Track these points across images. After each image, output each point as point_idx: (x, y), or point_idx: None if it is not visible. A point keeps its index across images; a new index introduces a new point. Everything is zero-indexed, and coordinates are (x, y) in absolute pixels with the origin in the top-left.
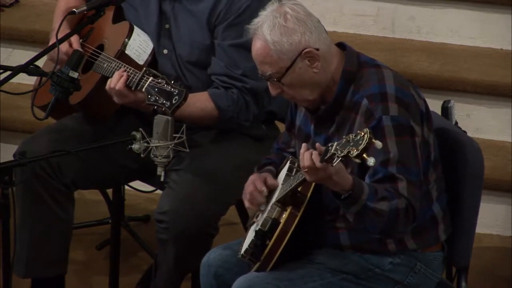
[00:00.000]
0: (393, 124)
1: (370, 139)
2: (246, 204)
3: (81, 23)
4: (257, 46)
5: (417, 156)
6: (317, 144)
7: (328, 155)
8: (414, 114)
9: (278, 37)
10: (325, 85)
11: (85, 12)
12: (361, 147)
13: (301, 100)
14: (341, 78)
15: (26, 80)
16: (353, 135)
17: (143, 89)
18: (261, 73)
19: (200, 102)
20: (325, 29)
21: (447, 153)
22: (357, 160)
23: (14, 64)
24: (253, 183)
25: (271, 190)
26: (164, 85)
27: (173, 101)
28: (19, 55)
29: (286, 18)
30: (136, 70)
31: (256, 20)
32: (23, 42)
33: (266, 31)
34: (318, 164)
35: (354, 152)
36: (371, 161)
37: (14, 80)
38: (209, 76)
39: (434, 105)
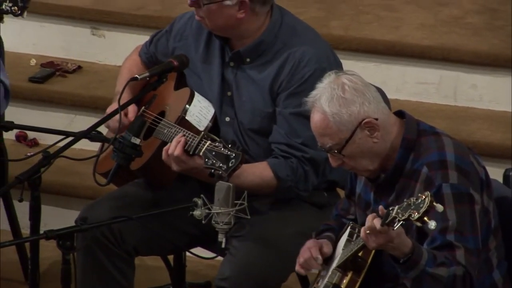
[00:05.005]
0: (452, 192)
1: (431, 202)
2: (297, 267)
3: (143, 89)
4: (316, 119)
5: (476, 224)
6: (381, 207)
7: (389, 218)
8: (473, 182)
9: (337, 108)
10: (385, 154)
11: (148, 79)
12: (422, 210)
13: (361, 170)
14: (401, 146)
15: (88, 146)
16: (414, 198)
17: (201, 153)
18: (321, 145)
19: (259, 171)
20: (387, 97)
21: (508, 221)
22: (418, 224)
23: (76, 130)
24: (309, 250)
25: (329, 257)
26: (221, 149)
27: (230, 164)
28: (81, 121)
29: (344, 89)
30: (194, 135)
31: (314, 93)
32: (85, 108)
33: (324, 103)
34: (379, 227)
35: (416, 215)
36: (432, 224)
37: (76, 146)
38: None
39: (496, 173)
